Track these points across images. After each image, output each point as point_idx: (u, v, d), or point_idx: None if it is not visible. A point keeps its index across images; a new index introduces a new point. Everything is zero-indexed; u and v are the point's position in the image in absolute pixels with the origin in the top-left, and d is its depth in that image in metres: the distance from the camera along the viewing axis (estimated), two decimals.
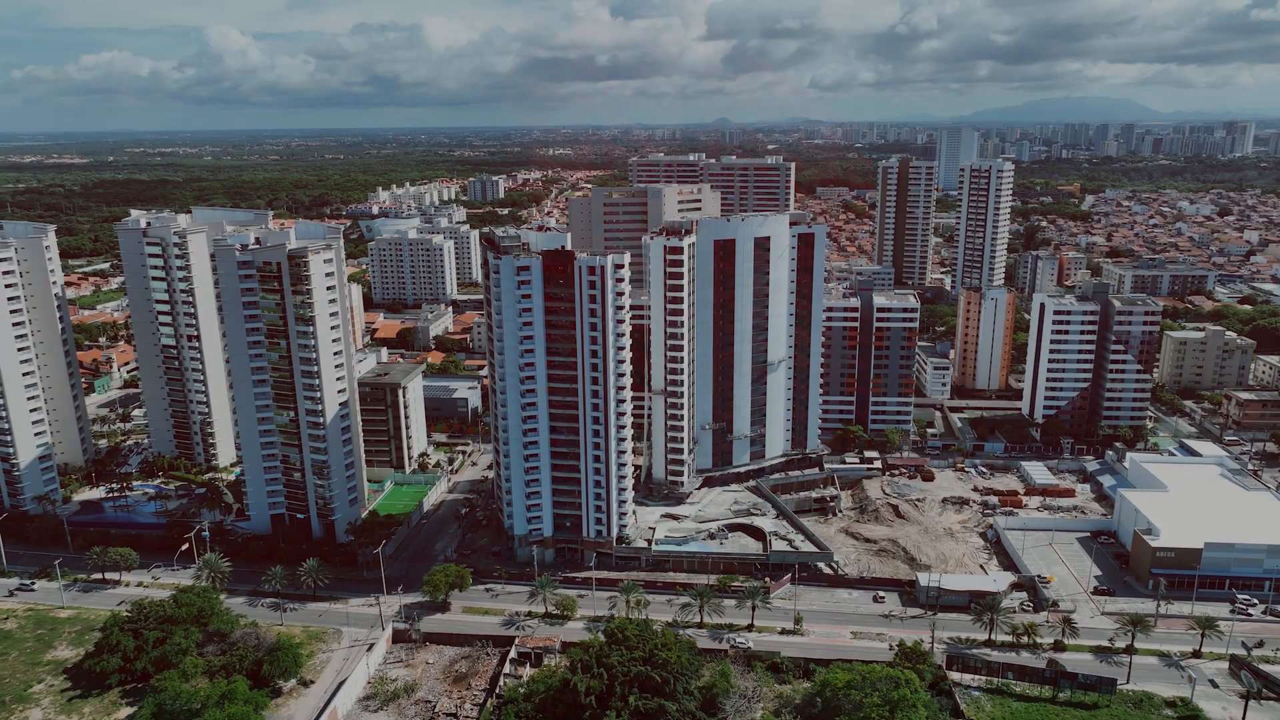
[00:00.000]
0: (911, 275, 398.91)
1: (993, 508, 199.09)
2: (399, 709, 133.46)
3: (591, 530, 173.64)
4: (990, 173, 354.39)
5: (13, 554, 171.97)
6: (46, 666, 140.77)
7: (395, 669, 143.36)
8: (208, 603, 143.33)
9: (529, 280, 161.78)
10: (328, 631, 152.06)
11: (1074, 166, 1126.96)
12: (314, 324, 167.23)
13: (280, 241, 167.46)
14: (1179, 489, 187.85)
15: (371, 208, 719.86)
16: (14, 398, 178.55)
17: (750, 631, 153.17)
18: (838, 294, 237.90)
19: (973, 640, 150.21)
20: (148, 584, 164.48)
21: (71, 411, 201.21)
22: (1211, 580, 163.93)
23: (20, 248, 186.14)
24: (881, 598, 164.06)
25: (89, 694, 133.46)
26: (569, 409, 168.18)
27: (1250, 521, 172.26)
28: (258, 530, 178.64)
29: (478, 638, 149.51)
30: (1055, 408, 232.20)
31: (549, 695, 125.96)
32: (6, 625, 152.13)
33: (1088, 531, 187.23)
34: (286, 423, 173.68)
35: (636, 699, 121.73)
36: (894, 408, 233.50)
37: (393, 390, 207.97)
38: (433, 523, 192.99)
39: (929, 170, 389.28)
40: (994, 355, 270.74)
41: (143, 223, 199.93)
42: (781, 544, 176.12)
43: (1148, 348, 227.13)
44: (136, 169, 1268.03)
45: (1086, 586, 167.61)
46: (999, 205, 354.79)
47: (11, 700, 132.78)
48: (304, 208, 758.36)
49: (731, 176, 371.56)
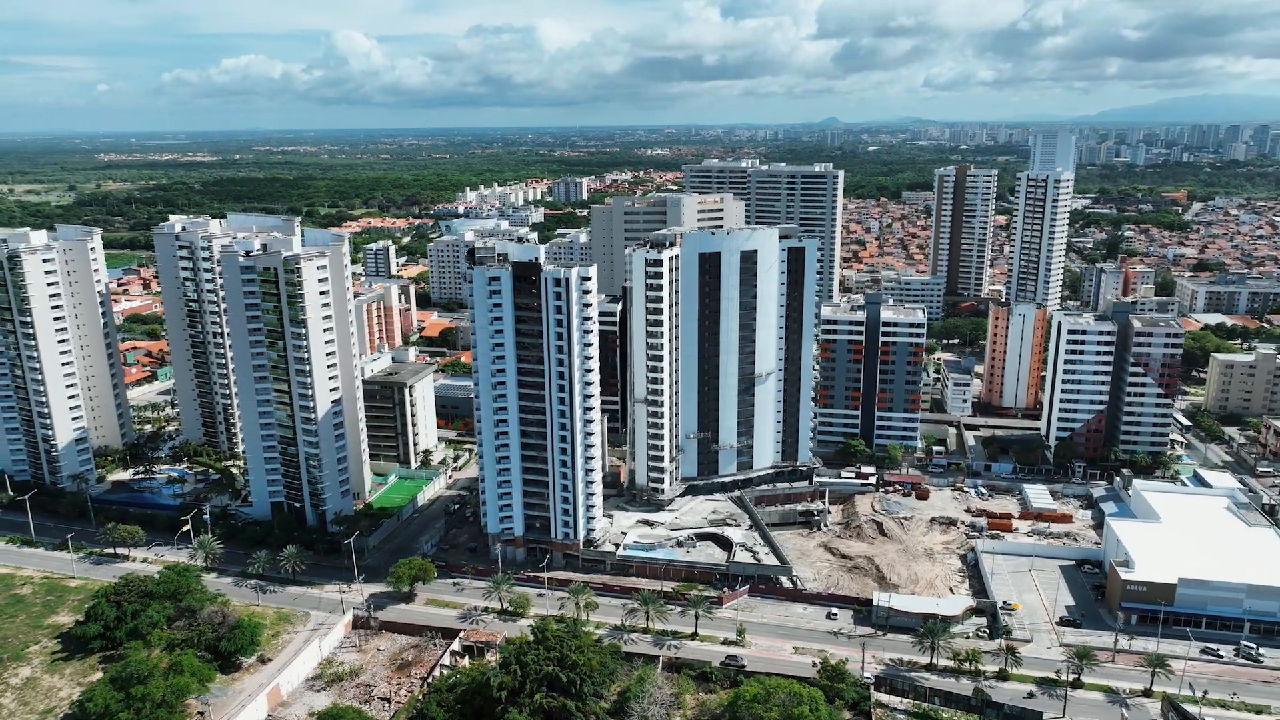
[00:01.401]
0: (967, 286, 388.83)
1: (980, 530, 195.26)
2: (340, 690, 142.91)
3: (559, 532, 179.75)
4: (1047, 181, 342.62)
5: (42, 526, 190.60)
6: (46, 630, 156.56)
7: (348, 653, 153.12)
8: (185, 581, 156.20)
9: (499, 290, 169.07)
10: (297, 614, 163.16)
11: (1193, 171, 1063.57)
12: (306, 326, 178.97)
13: (280, 249, 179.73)
14: (1174, 521, 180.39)
15: (458, 207, 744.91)
16: (53, 385, 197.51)
17: (693, 640, 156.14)
18: (845, 307, 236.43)
19: (914, 663, 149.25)
20: (151, 560, 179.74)
21: (111, 399, 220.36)
22: (1187, 618, 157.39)
23: (67, 249, 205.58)
24: (835, 615, 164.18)
25: (73, 657, 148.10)
26: (538, 414, 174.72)
27: (1241, 559, 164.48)
28: (258, 516, 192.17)
29: (429, 629, 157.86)
30: (1069, 430, 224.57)
31: (470, 688, 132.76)
32: (23, 590, 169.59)
33: (1073, 559, 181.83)
34: (284, 418, 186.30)
35: (544, 697, 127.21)
36: (900, 423, 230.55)
37: (399, 389, 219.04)
38: (424, 517, 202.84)
39: (987, 179, 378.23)
40: (1021, 372, 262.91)
41: (177, 227, 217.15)
42: (745, 555, 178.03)
43: (1169, 371, 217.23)
44: (257, 167, 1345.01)
45: (1055, 616, 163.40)
46: (1055, 215, 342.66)
47: (9, 658, 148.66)
48: (395, 206, 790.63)
49: (778, 184, 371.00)
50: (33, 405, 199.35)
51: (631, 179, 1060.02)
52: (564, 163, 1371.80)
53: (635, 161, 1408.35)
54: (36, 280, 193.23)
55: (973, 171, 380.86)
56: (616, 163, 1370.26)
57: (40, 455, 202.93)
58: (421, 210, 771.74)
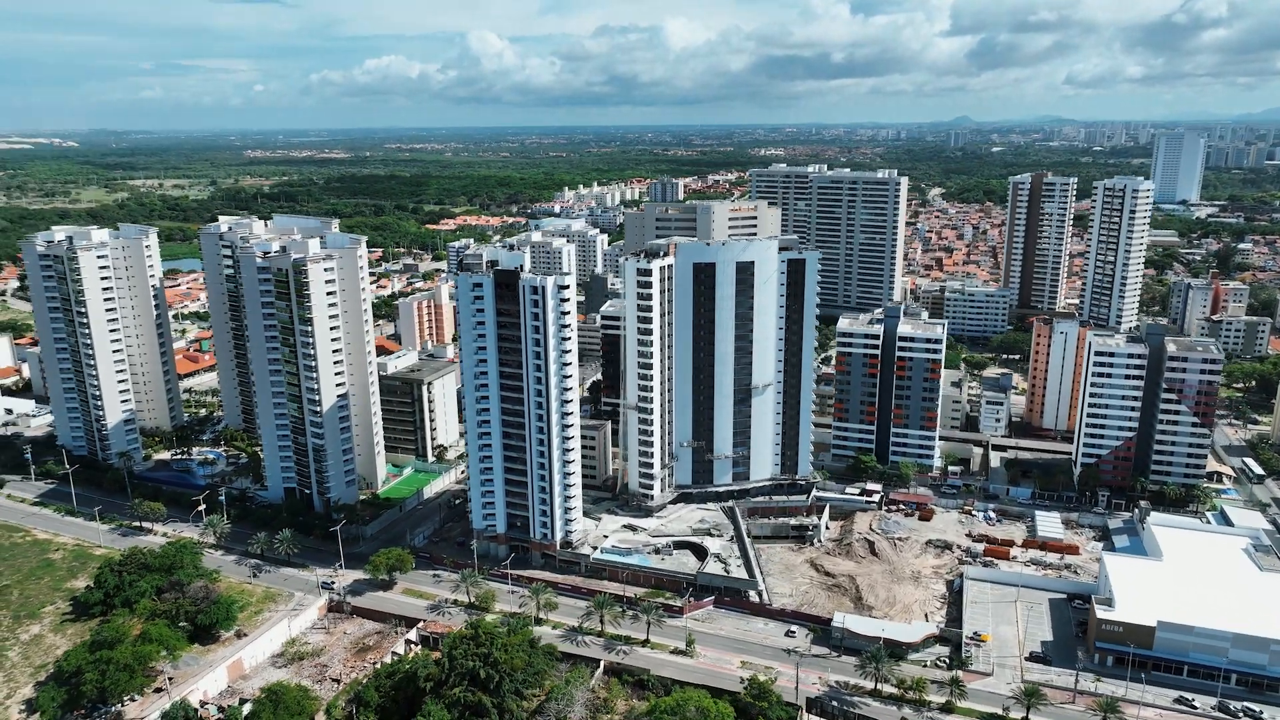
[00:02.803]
0: (1040, 299, 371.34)
1: (975, 556, 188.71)
2: (299, 669, 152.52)
3: (537, 532, 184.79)
4: (1125, 191, 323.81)
5: (86, 497, 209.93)
6: (63, 593, 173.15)
7: (316, 634, 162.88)
8: (181, 556, 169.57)
9: (482, 296, 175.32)
10: (283, 594, 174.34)
11: None
12: (312, 324, 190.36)
13: (292, 251, 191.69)
14: (1178, 560, 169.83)
15: (554, 206, 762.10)
16: (104, 370, 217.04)
17: (644, 647, 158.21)
18: (862, 321, 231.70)
19: (859, 688, 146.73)
20: (169, 535, 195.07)
21: (162, 384, 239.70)
22: (1167, 664, 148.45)
23: (124, 247, 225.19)
24: (793, 632, 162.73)
25: (78, 619, 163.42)
26: (518, 416, 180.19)
27: (1241, 606, 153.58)
28: (272, 499, 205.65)
29: (394, 617, 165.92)
30: (1095, 456, 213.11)
31: (404, 677, 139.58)
32: (54, 555, 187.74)
33: (1065, 593, 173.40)
34: (294, 409, 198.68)
35: (463, 691, 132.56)
36: (916, 440, 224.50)
37: (417, 386, 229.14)
38: (426, 509, 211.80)
39: (1064, 186, 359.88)
40: (1062, 393, 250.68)
41: (223, 227, 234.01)
42: (716, 566, 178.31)
43: (1206, 399, 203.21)
44: (383, 164, 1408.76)
45: (1026, 651, 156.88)
46: (1133, 227, 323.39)
47: (25, 616, 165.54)
48: (496, 204, 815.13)
49: (840, 190, 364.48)
50: (87, 387, 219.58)
51: (735, 179, 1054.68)
52: (676, 162, 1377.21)
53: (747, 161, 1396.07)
54: (91, 274, 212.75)
55: (1049, 179, 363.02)
56: (728, 163, 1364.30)
57: (93, 433, 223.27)
58: (520, 209, 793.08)
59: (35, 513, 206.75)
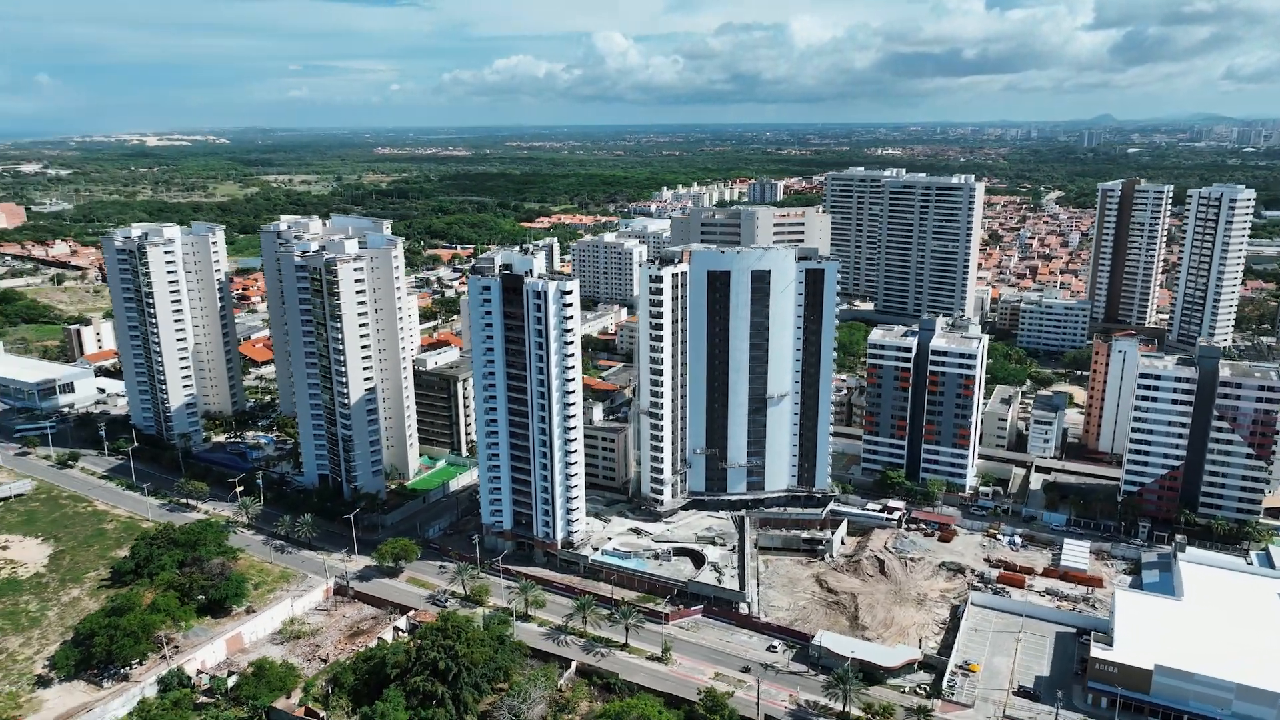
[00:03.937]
0: (1129, 313, 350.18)
1: (987, 581, 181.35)
2: (294, 647, 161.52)
3: (540, 531, 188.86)
4: (1221, 200, 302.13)
5: (146, 474, 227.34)
6: (107, 561, 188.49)
7: (317, 615, 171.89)
8: (205, 534, 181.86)
9: (489, 299, 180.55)
10: (298, 574, 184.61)
11: None
12: (341, 321, 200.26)
13: (325, 251, 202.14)
14: (1200, 600, 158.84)
15: (650, 206, 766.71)
16: (169, 356, 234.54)
17: (622, 651, 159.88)
18: (896, 334, 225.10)
19: (828, 709, 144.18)
20: (210, 513, 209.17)
21: (225, 371, 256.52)
22: (1165, 712, 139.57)
23: (193, 243, 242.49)
24: (775, 647, 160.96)
25: (112, 586, 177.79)
26: (523, 417, 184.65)
27: (1259, 655, 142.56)
28: (307, 484, 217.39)
29: (392, 604, 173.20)
30: (1138, 484, 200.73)
31: (377, 662, 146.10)
32: (108, 526, 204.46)
33: (1075, 627, 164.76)
34: (327, 400, 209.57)
35: (422, 680, 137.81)
36: (948, 458, 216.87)
37: (453, 381, 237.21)
38: (448, 502, 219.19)
39: (1158, 194, 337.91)
40: (1120, 415, 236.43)
41: (282, 225, 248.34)
42: (710, 575, 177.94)
43: (1263, 429, 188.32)
44: (500, 162, 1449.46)
45: (1015, 685, 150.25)
46: (1229, 239, 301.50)
47: (70, 580, 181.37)
48: (595, 203, 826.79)
49: (913, 195, 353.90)
50: (153, 372, 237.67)
51: None
52: (786, 161, 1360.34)
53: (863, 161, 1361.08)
54: (159, 269, 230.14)
55: (1142, 186, 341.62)
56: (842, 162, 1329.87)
57: (159, 414, 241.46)
58: (618, 208, 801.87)
59: (101, 485, 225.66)
